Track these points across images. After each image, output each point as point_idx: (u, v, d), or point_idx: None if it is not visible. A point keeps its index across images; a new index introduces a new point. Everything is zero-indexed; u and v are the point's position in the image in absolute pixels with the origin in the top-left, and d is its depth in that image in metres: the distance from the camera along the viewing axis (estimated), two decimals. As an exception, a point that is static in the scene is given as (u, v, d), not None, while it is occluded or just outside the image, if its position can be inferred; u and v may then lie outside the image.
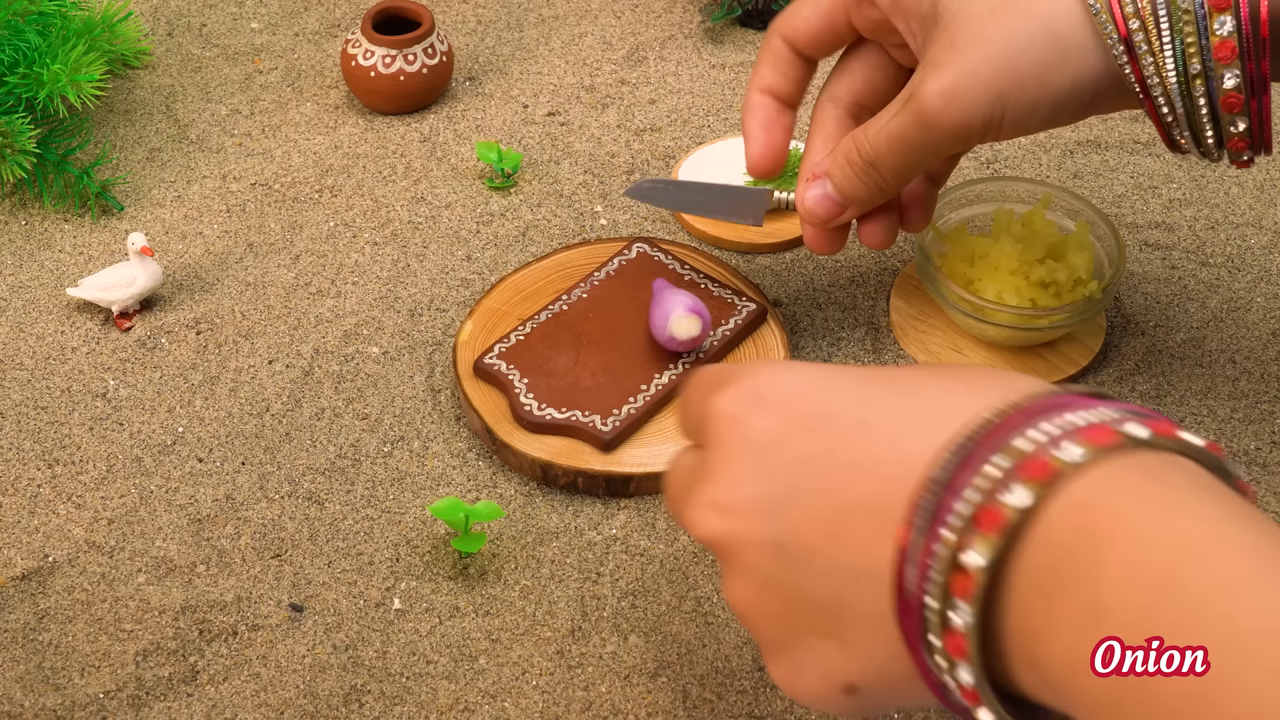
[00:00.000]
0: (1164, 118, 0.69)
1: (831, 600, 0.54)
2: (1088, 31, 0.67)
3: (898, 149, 0.71)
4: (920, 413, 0.53)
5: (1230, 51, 0.65)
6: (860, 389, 0.55)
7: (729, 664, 0.71)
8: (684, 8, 1.09)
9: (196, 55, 1.05)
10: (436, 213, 0.94)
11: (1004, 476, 0.48)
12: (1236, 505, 0.47)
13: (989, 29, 0.68)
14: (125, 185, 0.95)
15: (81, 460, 0.80)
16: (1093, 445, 0.48)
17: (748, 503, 0.55)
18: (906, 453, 0.52)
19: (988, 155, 0.97)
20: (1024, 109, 0.69)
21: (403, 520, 0.77)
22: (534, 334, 0.83)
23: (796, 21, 0.77)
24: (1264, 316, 0.87)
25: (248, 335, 0.86)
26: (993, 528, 0.48)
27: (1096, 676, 0.46)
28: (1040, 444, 0.49)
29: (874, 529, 0.52)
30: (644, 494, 0.78)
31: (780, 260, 0.91)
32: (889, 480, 0.52)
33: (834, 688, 0.55)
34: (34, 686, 0.70)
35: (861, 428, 0.54)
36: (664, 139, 0.98)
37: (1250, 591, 0.44)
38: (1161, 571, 0.45)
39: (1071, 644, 0.47)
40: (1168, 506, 0.47)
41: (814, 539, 0.54)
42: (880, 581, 0.52)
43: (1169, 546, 0.46)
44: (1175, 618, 0.44)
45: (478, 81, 1.03)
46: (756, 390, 0.56)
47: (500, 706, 0.69)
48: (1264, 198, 0.95)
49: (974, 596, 0.48)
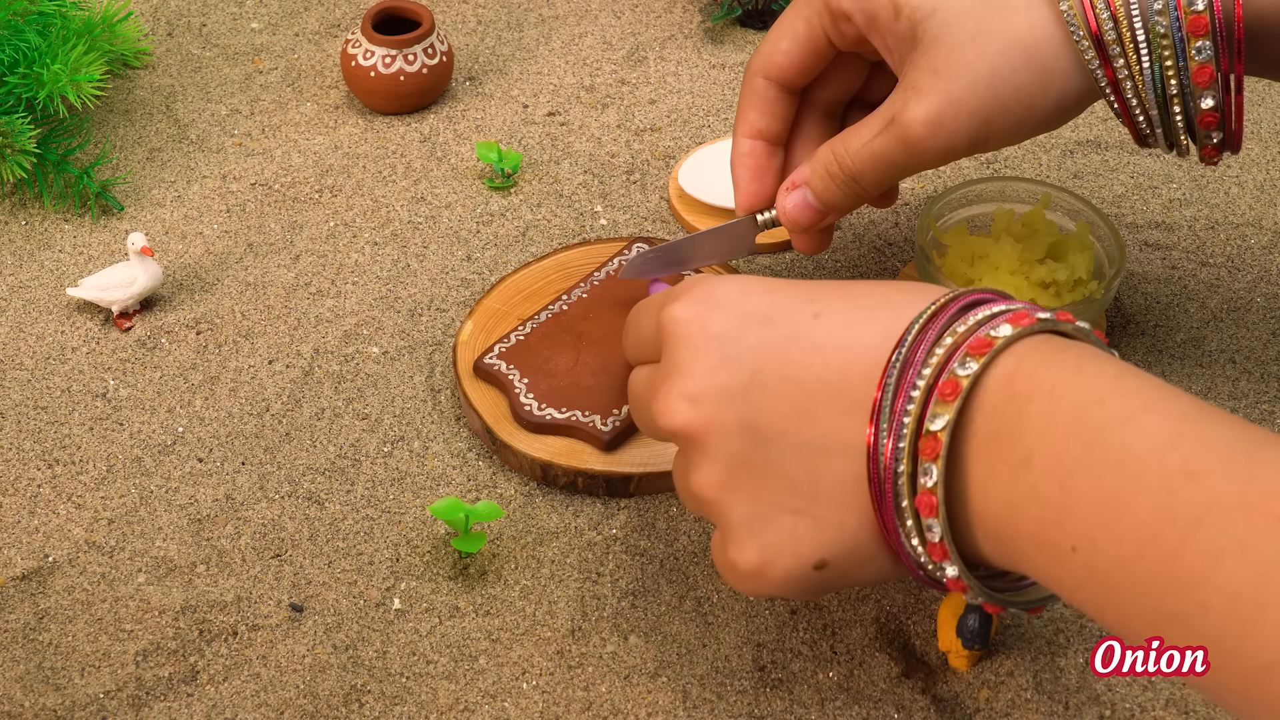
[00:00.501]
0: (1140, 128, 0.71)
1: (803, 476, 0.59)
2: (1070, 55, 0.69)
3: (880, 167, 0.73)
4: (865, 307, 0.59)
5: (1209, 77, 0.67)
6: (805, 291, 0.61)
7: (729, 664, 0.71)
8: (684, 8, 1.09)
9: (196, 55, 1.05)
10: (436, 213, 0.94)
11: (953, 353, 0.56)
12: (1126, 365, 0.55)
13: (971, 57, 0.69)
14: (125, 185, 0.95)
15: (81, 460, 0.80)
16: (1016, 325, 0.56)
17: (716, 390, 0.60)
18: (859, 338, 0.58)
19: (988, 155, 0.97)
20: (1008, 130, 0.71)
21: (403, 520, 0.77)
22: (534, 334, 0.83)
23: (776, 58, 0.77)
24: (1264, 316, 0.87)
25: (248, 335, 0.86)
26: (952, 394, 0.55)
27: (1024, 526, 0.54)
28: (977, 325, 0.57)
29: (839, 407, 0.58)
30: (644, 494, 0.78)
31: (780, 260, 0.91)
32: (847, 363, 0.58)
33: (806, 565, 0.60)
34: (34, 686, 0.70)
35: (815, 319, 0.60)
36: (664, 139, 0.98)
37: (1142, 423, 0.52)
38: (1071, 417, 0.53)
39: (1007, 494, 0.54)
40: (1074, 369, 0.55)
41: (783, 420, 0.59)
42: (849, 455, 0.58)
43: (1075, 397, 0.54)
44: (1082, 452, 0.52)
45: (478, 81, 1.03)
46: (710, 295, 0.61)
47: (500, 706, 0.69)
48: (1264, 198, 0.95)
49: (940, 455, 0.55)
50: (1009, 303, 0.58)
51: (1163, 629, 0.50)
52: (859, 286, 0.61)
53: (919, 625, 0.73)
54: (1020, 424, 0.54)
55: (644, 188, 0.95)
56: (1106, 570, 0.51)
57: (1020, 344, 0.56)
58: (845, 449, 0.58)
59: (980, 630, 0.69)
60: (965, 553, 0.57)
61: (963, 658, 0.70)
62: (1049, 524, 0.53)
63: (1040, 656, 0.71)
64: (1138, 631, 0.51)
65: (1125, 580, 0.51)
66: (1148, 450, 0.51)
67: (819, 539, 0.59)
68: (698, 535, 0.76)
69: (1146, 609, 0.50)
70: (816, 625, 0.72)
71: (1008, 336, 0.56)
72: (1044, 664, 0.71)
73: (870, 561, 0.60)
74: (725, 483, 0.60)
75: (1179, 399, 0.53)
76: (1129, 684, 0.70)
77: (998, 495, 0.55)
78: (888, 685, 0.70)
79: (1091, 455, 0.52)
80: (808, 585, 0.60)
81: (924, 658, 0.71)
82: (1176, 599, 0.49)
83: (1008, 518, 0.55)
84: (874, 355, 0.58)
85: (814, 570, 0.60)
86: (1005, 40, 0.69)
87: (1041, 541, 0.54)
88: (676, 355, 0.61)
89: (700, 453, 0.60)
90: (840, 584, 0.61)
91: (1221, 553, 0.48)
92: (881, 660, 0.71)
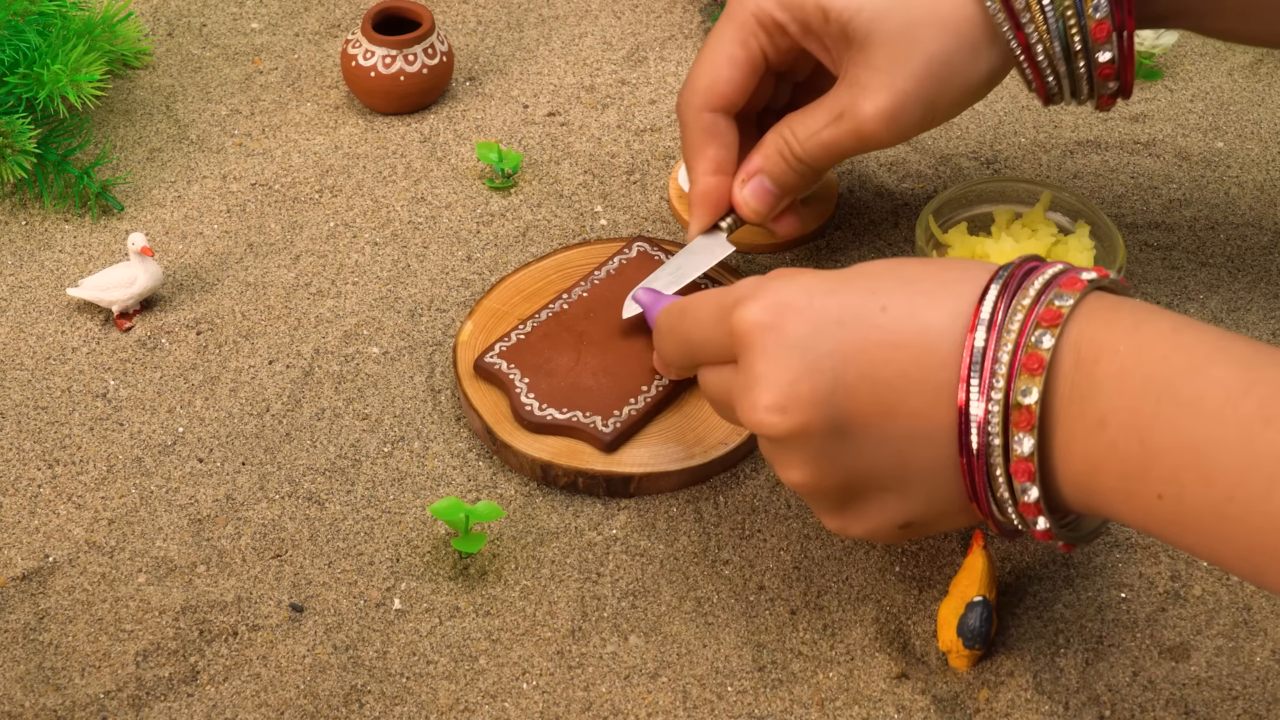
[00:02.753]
0: (1050, 87, 0.76)
1: (892, 464, 0.63)
2: (991, 28, 0.74)
3: (832, 153, 0.78)
4: (924, 292, 0.62)
5: (1105, 32, 0.73)
6: (866, 284, 0.63)
7: (729, 664, 0.71)
8: (684, 8, 1.09)
9: (196, 55, 1.05)
10: (436, 213, 0.94)
11: (1025, 325, 0.59)
12: (1179, 318, 0.59)
13: (906, 48, 0.74)
14: (125, 185, 0.95)
15: (81, 460, 0.80)
16: (1071, 291, 0.60)
17: (804, 399, 0.62)
18: (928, 327, 0.61)
19: (988, 155, 0.97)
20: (950, 108, 0.77)
21: (403, 520, 0.77)
22: (534, 333, 0.83)
23: (720, 87, 0.79)
24: (1264, 316, 0.87)
25: (248, 335, 0.86)
26: (1038, 368, 0.58)
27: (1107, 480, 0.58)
28: (1039, 294, 0.60)
29: (921, 397, 0.61)
30: (644, 494, 0.78)
31: (780, 260, 0.91)
32: (922, 352, 0.61)
33: (891, 525, 0.65)
34: (34, 686, 0.70)
35: (883, 313, 0.62)
36: (664, 139, 0.98)
37: (1211, 374, 0.55)
38: (1140, 376, 0.57)
39: (1087, 451, 0.58)
40: (1132, 328, 0.58)
41: (869, 418, 0.62)
42: (936, 441, 0.61)
43: (1141, 355, 0.57)
44: (1155, 408, 0.56)
45: (478, 81, 1.03)
46: (779, 301, 0.64)
47: (500, 706, 0.69)
48: (1264, 198, 0.95)
49: (1034, 426, 0.58)
50: (1052, 265, 0.62)
51: (1260, 562, 0.54)
52: (911, 268, 0.64)
53: (919, 625, 0.73)
54: (1091, 387, 0.58)
55: (644, 188, 0.95)
56: (1196, 514, 0.55)
57: (1079, 308, 0.60)
58: (931, 437, 0.61)
59: (980, 630, 0.69)
60: (1049, 501, 0.61)
61: (963, 658, 0.70)
62: (1132, 477, 0.57)
63: (1040, 656, 0.71)
64: (1237, 565, 0.56)
65: (1217, 522, 0.55)
66: (1222, 401, 0.55)
67: (906, 508, 0.64)
68: (698, 535, 0.76)
69: (1241, 546, 0.55)
70: (816, 625, 0.73)
71: (1071, 304, 0.59)
72: (1044, 664, 0.71)
73: (952, 517, 0.65)
74: (818, 479, 0.64)
75: (1236, 344, 0.57)
76: (1129, 684, 0.70)
77: (1079, 453, 0.59)
78: (888, 685, 0.70)
79: (1166, 410, 0.56)
80: (893, 538, 0.67)
81: (924, 658, 0.71)
82: (1272, 537, 0.53)
83: (1090, 472, 0.59)
84: (947, 342, 0.61)
85: (899, 529, 0.66)
86: (935, 26, 0.73)
87: (1126, 493, 0.58)
88: (757, 367, 0.63)
89: (793, 454, 0.64)
90: (922, 534, 0.68)
91: None
92: (881, 660, 0.71)
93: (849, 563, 0.75)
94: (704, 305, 0.68)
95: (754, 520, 0.77)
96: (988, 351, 0.60)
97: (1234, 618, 0.73)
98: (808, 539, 0.76)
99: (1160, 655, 0.71)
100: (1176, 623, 0.72)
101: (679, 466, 0.78)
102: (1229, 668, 0.71)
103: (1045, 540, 0.62)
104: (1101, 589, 0.74)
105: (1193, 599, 0.73)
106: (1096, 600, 0.73)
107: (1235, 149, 0.98)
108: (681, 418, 0.80)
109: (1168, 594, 0.74)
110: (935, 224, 0.86)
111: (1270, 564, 0.54)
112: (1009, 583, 0.74)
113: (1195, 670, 0.71)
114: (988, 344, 0.60)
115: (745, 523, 0.77)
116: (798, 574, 0.75)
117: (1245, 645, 0.72)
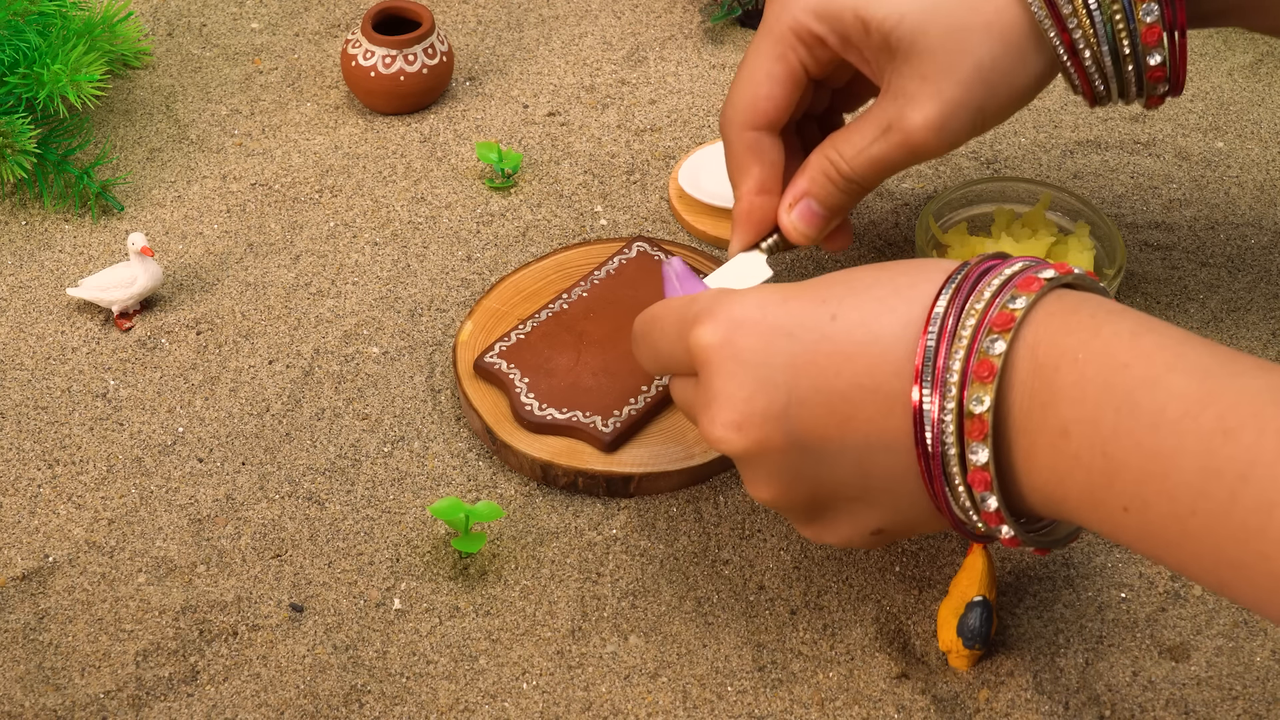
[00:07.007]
0: (1097, 90, 0.74)
1: (854, 474, 0.62)
2: (1036, 33, 0.72)
3: (881, 169, 0.75)
4: (877, 298, 0.61)
5: (1156, 36, 0.71)
6: (817, 293, 0.63)
7: (729, 664, 0.71)
8: (684, 8, 1.09)
9: (196, 55, 1.05)
10: (436, 213, 0.94)
11: (978, 330, 0.58)
12: (1140, 319, 0.57)
13: (952, 56, 0.71)
14: (125, 185, 0.95)
15: (81, 460, 0.80)
16: (1027, 292, 0.58)
17: (759, 416, 0.62)
18: (879, 334, 0.60)
19: (988, 155, 0.97)
20: (998, 113, 0.74)
21: (403, 520, 0.77)
22: (534, 333, 0.83)
23: (761, 104, 0.77)
24: (1264, 316, 0.87)
25: (248, 335, 0.86)
26: (989, 375, 0.57)
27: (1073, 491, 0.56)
28: (993, 296, 0.59)
29: (875, 406, 0.60)
30: (644, 494, 0.78)
31: (780, 260, 0.91)
32: (874, 361, 0.60)
33: (863, 532, 0.65)
34: (34, 686, 0.70)
35: (833, 321, 0.61)
36: (664, 139, 0.98)
37: (1170, 384, 0.54)
38: (1099, 385, 0.55)
39: (1051, 463, 0.57)
40: (1092, 333, 0.57)
41: (826, 429, 0.61)
42: (894, 450, 0.60)
43: (1100, 363, 0.56)
44: (1116, 419, 0.55)
45: (478, 81, 1.03)
46: (731, 316, 0.63)
47: (500, 706, 0.70)
48: (1264, 198, 0.95)
49: (987, 435, 0.57)
50: (1011, 263, 0.61)
51: (1225, 575, 0.53)
52: (865, 275, 0.63)
53: (919, 625, 0.73)
54: (1051, 396, 0.57)
55: (644, 188, 0.95)
56: (1161, 527, 0.54)
57: (1036, 310, 0.58)
58: (890, 445, 0.61)
59: (980, 630, 0.69)
60: (1013, 507, 0.60)
61: (963, 658, 0.70)
62: (1097, 488, 0.56)
63: (1040, 656, 0.71)
64: (1202, 577, 0.54)
65: (1181, 535, 0.54)
66: (1181, 412, 0.54)
67: (875, 515, 0.64)
68: (698, 535, 0.76)
69: (1207, 559, 0.54)
70: (816, 625, 0.73)
71: (1024, 307, 0.58)
72: (1044, 664, 0.71)
73: (923, 524, 0.64)
74: (783, 493, 0.64)
75: (1198, 351, 0.55)
76: (1129, 684, 0.70)
77: (1042, 464, 0.58)
78: (888, 685, 0.70)
79: (1126, 422, 0.55)
80: (868, 543, 0.66)
81: (924, 658, 0.71)
82: (1235, 550, 0.52)
83: (1055, 483, 0.58)
84: (898, 349, 0.60)
85: (871, 535, 0.65)
86: (981, 32, 0.71)
87: (1093, 504, 0.57)
88: (713, 384, 0.63)
89: (756, 470, 0.64)
90: (895, 539, 0.67)
91: (1272, 506, 0.51)
92: (881, 660, 0.71)
93: (849, 563, 0.75)
94: (668, 317, 0.68)
95: (754, 520, 0.77)
96: (939, 359, 0.58)
97: (1234, 618, 0.73)
98: (807, 539, 0.76)
99: (1160, 655, 0.71)
100: (1176, 623, 0.72)
101: (679, 466, 0.78)
102: (1229, 668, 0.71)
103: (1014, 547, 0.62)
104: (1101, 589, 0.74)
105: (1193, 599, 0.73)
106: (1096, 600, 0.73)
107: (1235, 149, 0.98)
108: (681, 418, 0.80)
109: (1168, 594, 0.74)
110: (935, 224, 0.86)
111: (1234, 577, 0.53)
112: (1009, 583, 0.74)
113: (1195, 670, 0.71)
114: (938, 351, 0.58)
115: (745, 523, 0.77)
116: (798, 574, 0.75)
117: (1245, 645, 0.72)
